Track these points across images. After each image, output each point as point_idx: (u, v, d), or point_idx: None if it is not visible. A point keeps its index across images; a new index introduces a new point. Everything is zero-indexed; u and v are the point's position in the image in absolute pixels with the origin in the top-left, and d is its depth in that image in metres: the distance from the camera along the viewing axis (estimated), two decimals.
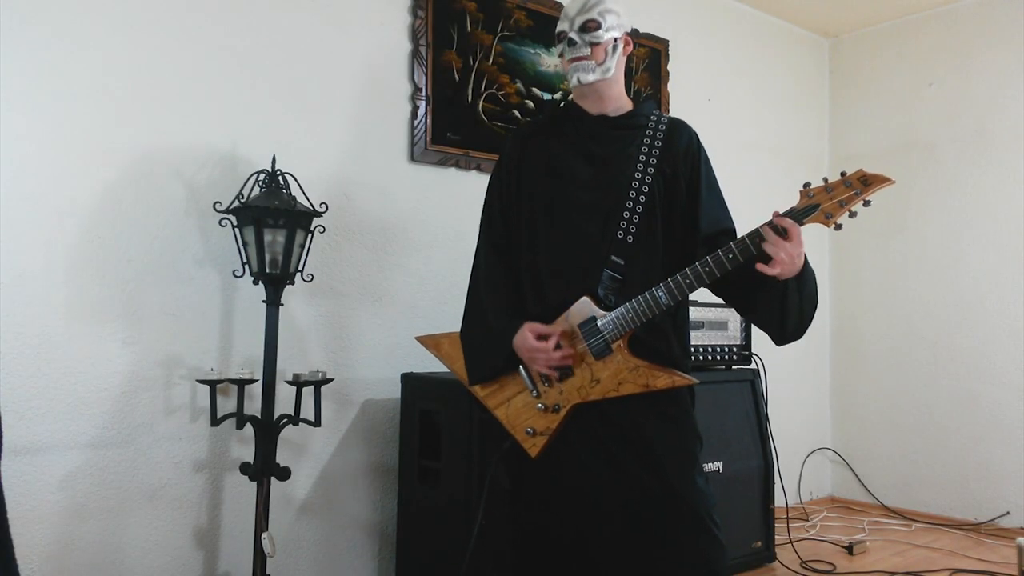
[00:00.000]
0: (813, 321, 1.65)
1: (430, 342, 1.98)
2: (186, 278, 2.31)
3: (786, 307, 1.60)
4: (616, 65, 1.78)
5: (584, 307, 1.67)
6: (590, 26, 1.74)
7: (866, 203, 1.51)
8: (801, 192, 1.55)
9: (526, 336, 1.67)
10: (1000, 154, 3.77)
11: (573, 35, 1.74)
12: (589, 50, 1.73)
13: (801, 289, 1.60)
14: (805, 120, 4.37)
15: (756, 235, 1.54)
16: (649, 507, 1.65)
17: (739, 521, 2.92)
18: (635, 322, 1.62)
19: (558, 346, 1.67)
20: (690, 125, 1.82)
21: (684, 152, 1.75)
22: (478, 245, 1.89)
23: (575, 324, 1.68)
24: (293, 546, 2.48)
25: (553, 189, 1.77)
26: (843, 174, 1.51)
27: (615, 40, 1.77)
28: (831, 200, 1.51)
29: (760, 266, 1.53)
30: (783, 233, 1.52)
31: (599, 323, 1.65)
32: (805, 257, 1.57)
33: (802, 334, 1.66)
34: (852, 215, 1.51)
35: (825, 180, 1.53)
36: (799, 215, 1.53)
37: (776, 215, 1.54)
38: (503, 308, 1.77)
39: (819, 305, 1.67)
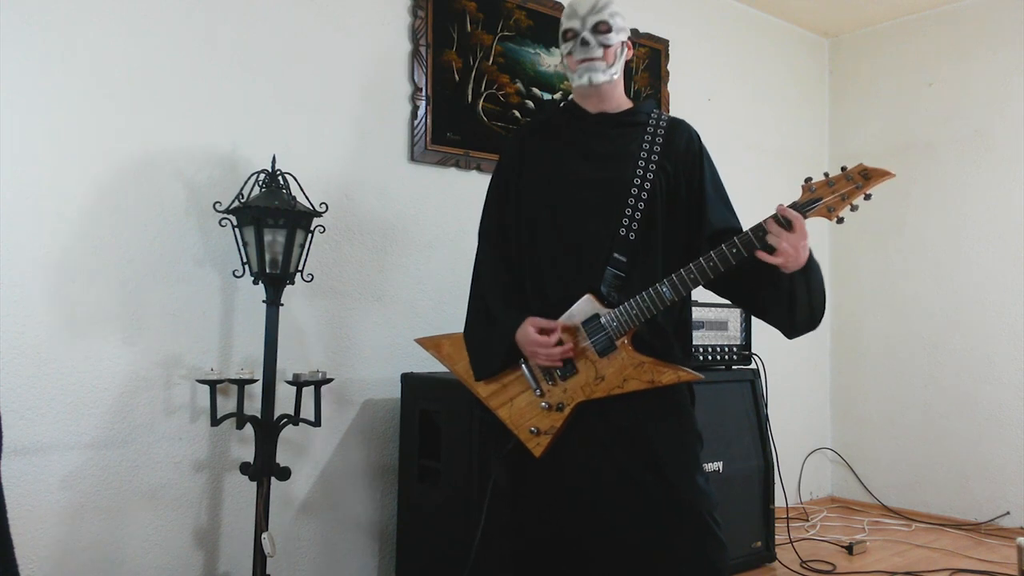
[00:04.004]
0: (824, 312, 1.66)
1: (429, 343, 1.97)
2: (186, 278, 2.31)
3: (794, 300, 1.61)
4: (620, 68, 1.80)
5: (587, 304, 1.67)
6: (602, 28, 1.75)
7: (867, 196, 1.52)
8: (803, 186, 1.56)
9: (527, 330, 1.67)
10: (999, 154, 3.77)
11: (587, 35, 1.74)
12: (601, 52, 1.74)
13: (809, 281, 1.61)
14: (805, 120, 4.37)
15: (759, 228, 1.55)
16: (650, 507, 1.65)
17: (739, 521, 2.92)
18: (639, 318, 1.62)
19: (560, 342, 1.67)
20: (690, 124, 1.82)
21: (685, 151, 1.75)
22: (480, 244, 1.89)
23: (578, 322, 1.68)
24: (293, 546, 2.48)
25: (554, 187, 1.77)
26: (844, 168, 1.52)
27: (622, 43, 1.79)
28: (833, 194, 1.53)
29: (761, 254, 1.54)
30: (787, 225, 1.53)
31: (602, 320, 1.65)
32: (810, 250, 1.58)
33: (815, 326, 1.68)
34: (854, 208, 1.53)
35: (826, 174, 1.55)
36: (801, 208, 1.55)
37: (780, 208, 1.55)
38: (506, 304, 1.77)
39: None
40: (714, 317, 2.99)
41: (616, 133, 1.78)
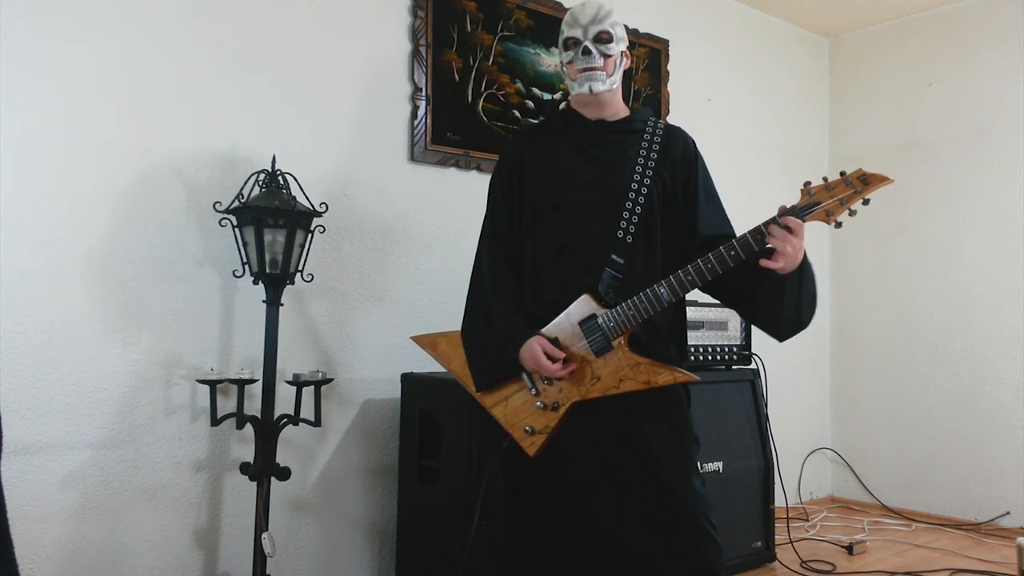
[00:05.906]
0: (814, 316, 1.66)
1: (426, 341, 1.98)
2: (186, 278, 2.31)
3: (785, 302, 1.61)
4: (619, 77, 1.82)
5: (584, 304, 1.68)
6: (603, 37, 1.77)
7: (865, 201, 1.53)
8: (802, 190, 1.57)
9: (534, 349, 1.68)
10: (999, 154, 3.77)
11: (589, 44, 1.76)
12: (602, 61, 1.77)
13: (802, 282, 1.61)
14: (805, 120, 4.37)
15: (759, 232, 1.56)
16: (646, 508, 1.66)
17: (739, 521, 2.91)
18: (636, 319, 1.63)
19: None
20: (687, 132, 1.84)
21: (681, 157, 1.78)
22: (480, 245, 1.89)
23: (575, 321, 1.68)
24: (293, 546, 2.48)
25: (554, 190, 1.78)
26: (843, 173, 1.53)
27: (621, 53, 1.81)
28: (832, 198, 1.53)
29: (764, 261, 1.55)
30: (788, 230, 1.53)
31: (599, 320, 1.66)
32: (804, 252, 1.58)
33: (803, 327, 1.67)
34: (852, 213, 1.53)
35: (825, 179, 1.55)
36: (800, 212, 1.55)
37: (782, 212, 1.55)
38: (508, 310, 1.77)
39: (819, 305, 1.68)
40: (714, 317, 2.99)
41: (614, 139, 1.80)
